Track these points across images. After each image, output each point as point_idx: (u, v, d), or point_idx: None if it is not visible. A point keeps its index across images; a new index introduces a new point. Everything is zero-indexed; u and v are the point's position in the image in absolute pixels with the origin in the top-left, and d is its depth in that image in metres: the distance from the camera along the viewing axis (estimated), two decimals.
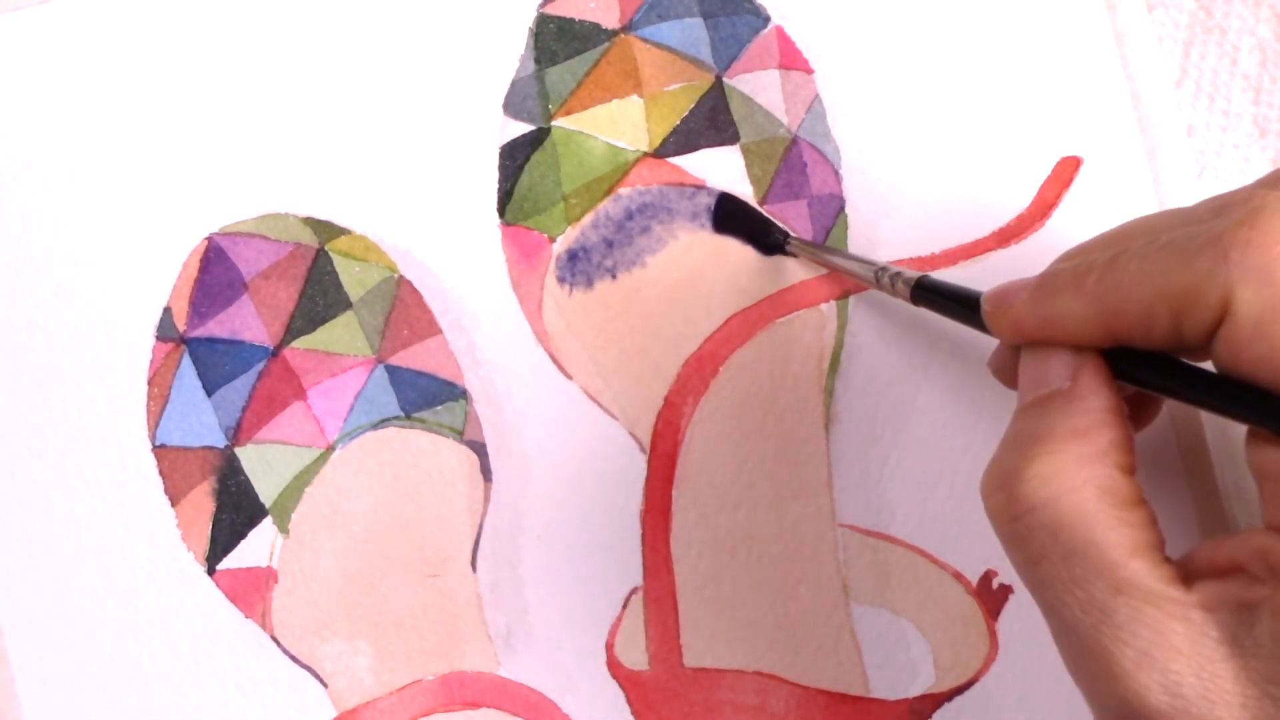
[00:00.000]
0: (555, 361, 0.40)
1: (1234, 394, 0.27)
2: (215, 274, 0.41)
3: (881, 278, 0.37)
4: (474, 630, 0.40)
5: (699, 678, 0.39)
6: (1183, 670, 0.26)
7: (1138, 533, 0.27)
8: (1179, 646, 0.26)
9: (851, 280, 0.40)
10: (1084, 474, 0.27)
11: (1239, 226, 0.26)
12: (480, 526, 0.40)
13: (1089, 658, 0.27)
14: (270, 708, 0.40)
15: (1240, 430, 0.28)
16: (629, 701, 0.39)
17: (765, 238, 0.40)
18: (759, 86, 0.41)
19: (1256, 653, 0.25)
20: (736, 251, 0.40)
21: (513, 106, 0.41)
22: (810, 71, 0.41)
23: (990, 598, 0.39)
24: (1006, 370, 0.33)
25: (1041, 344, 0.30)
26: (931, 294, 0.35)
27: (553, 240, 0.40)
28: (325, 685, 0.40)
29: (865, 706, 0.39)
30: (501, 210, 0.41)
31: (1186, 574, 0.27)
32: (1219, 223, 0.26)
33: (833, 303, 0.40)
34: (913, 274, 0.36)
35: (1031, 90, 0.40)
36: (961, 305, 0.34)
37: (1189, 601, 0.26)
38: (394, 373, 0.40)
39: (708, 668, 0.39)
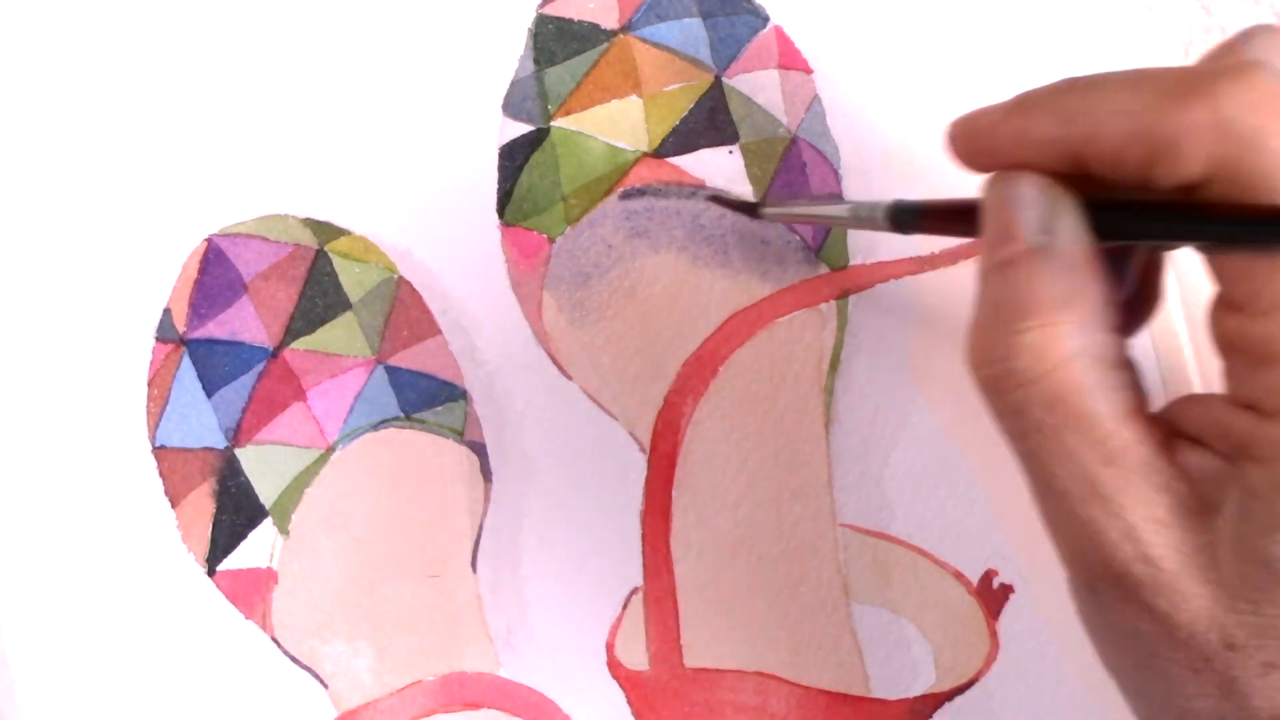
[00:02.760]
0: (555, 362, 0.40)
1: (1221, 220, 0.25)
2: (215, 275, 0.41)
3: (860, 213, 0.35)
4: (474, 631, 0.40)
5: (699, 678, 0.39)
6: (1165, 544, 0.26)
7: (1126, 396, 0.27)
8: (1163, 519, 0.26)
9: (852, 280, 0.40)
10: (1079, 343, 0.26)
11: (1226, 74, 0.25)
12: (480, 527, 0.40)
13: (1075, 526, 0.27)
14: (270, 709, 0.40)
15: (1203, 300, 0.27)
16: (629, 702, 0.39)
17: (748, 211, 0.39)
18: (758, 86, 0.41)
19: (1235, 529, 0.25)
20: (736, 251, 0.40)
21: (512, 107, 0.41)
22: (809, 71, 0.41)
23: (991, 597, 0.39)
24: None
25: (1005, 173, 0.28)
26: (910, 215, 0.33)
27: (552, 241, 0.40)
28: (325, 686, 0.40)
29: (866, 706, 0.39)
30: (501, 211, 0.41)
31: (1169, 436, 0.27)
32: (1212, 69, 0.25)
33: (833, 303, 0.40)
34: (886, 201, 0.33)
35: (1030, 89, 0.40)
36: (947, 215, 0.32)
37: (1172, 473, 0.26)
38: (394, 373, 0.40)
39: (708, 668, 0.39)
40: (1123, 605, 0.27)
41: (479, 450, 0.40)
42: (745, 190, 0.41)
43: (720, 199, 0.39)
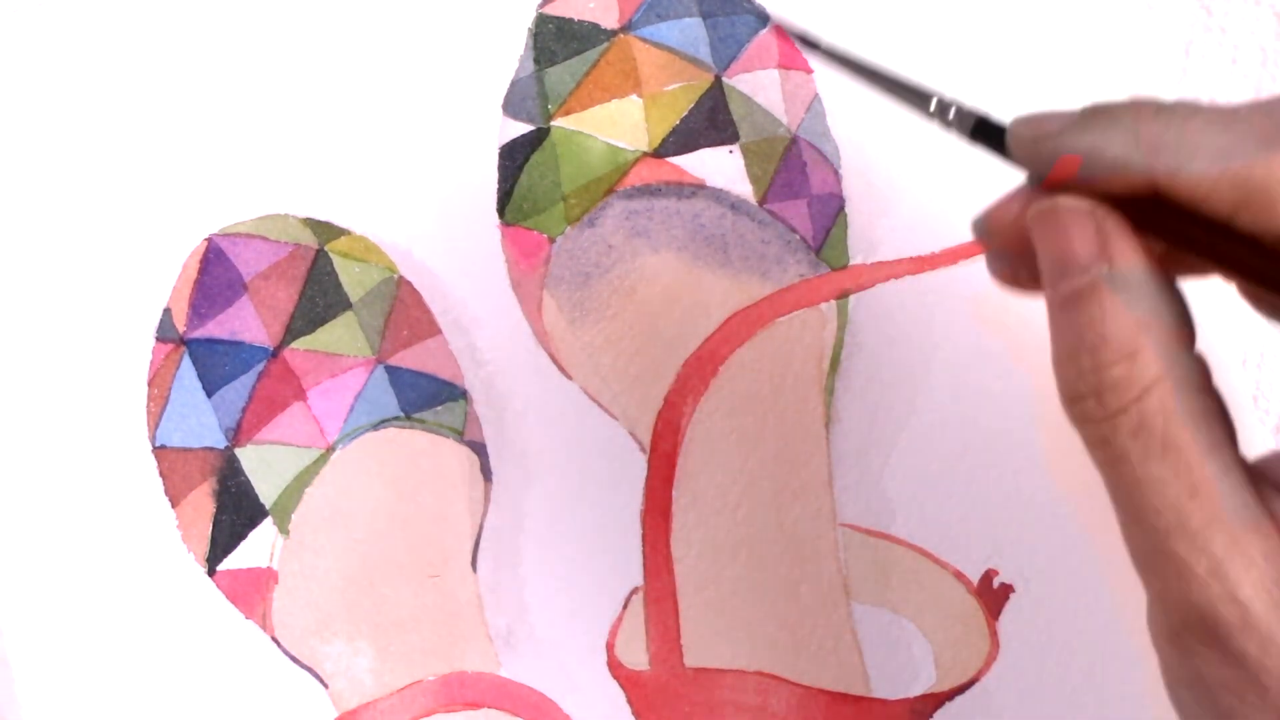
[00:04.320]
0: (555, 361, 0.40)
1: None
2: (215, 275, 0.41)
3: (935, 107, 0.31)
4: (474, 630, 0.40)
5: (699, 678, 0.39)
6: (1255, 583, 0.25)
7: (1213, 425, 0.26)
8: (1253, 558, 0.25)
9: (852, 280, 0.40)
10: (1161, 366, 0.26)
11: None
12: (480, 527, 0.40)
13: (1162, 560, 0.26)
14: (270, 709, 0.40)
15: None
16: (629, 701, 0.39)
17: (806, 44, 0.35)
18: (758, 86, 0.41)
19: None
20: (736, 251, 0.40)
21: (512, 107, 0.41)
22: (809, 71, 0.41)
23: (991, 597, 0.39)
24: (998, 233, 0.30)
25: (1051, 201, 0.27)
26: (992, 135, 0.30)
27: (552, 240, 0.40)
28: (326, 686, 0.40)
29: (866, 706, 0.39)
30: (501, 210, 0.41)
31: (1257, 481, 0.26)
32: None
33: (833, 303, 0.40)
34: (972, 109, 0.31)
35: (1031, 90, 0.40)
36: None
37: (1262, 513, 0.25)
38: (394, 373, 0.40)
39: (708, 668, 0.39)
40: (1207, 650, 0.26)
41: (479, 450, 0.40)
42: (745, 190, 0.41)
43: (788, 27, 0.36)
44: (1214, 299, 0.41)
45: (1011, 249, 0.29)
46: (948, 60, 0.41)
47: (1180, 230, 0.26)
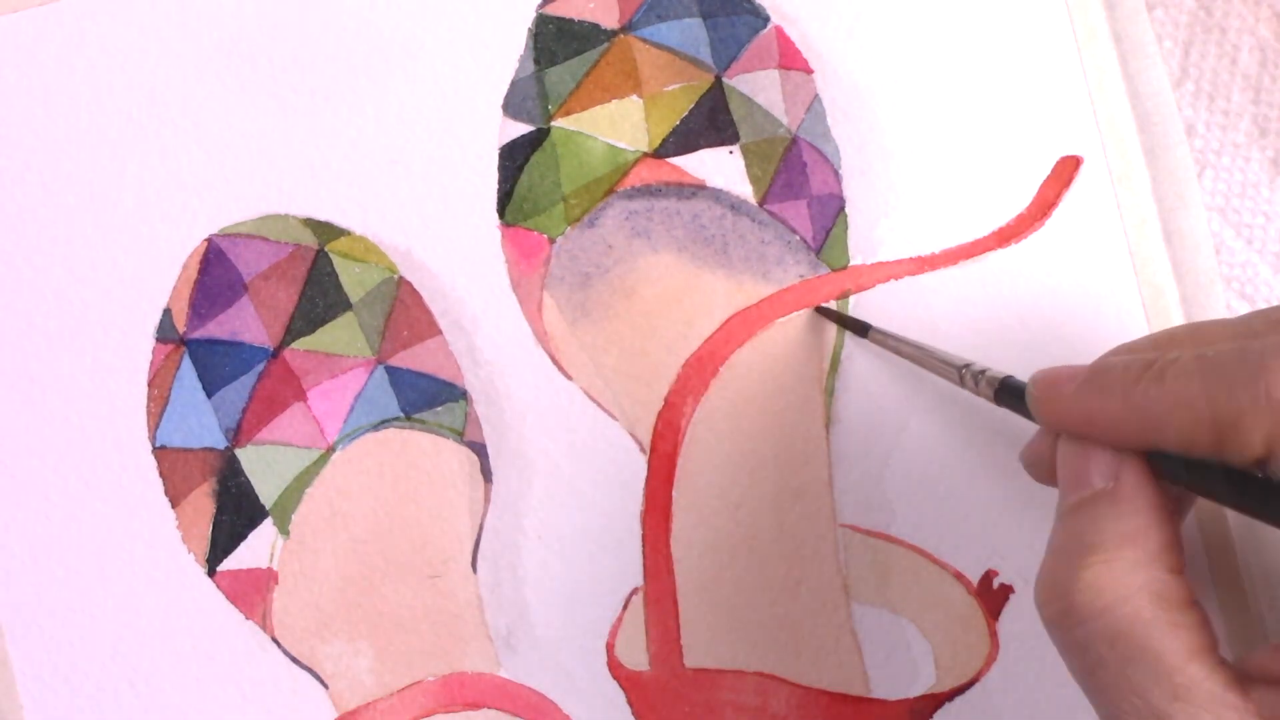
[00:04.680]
0: (555, 362, 0.40)
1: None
2: (215, 275, 0.41)
3: (965, 376, 0.35)
4: (474, 631, 0.40)
5: (699, 678, 0.39)
6: None
7: (1193, 635, 0.27)
8: None
9: (852, 280, 0.40)
10: (1138, 580, 0.27)
11: None
12: (480, 527, 0.40)
13: None
14: (270, 709, 0.40)
15: (1269, 531, 0.27)
16: (629, 702, 0.39)
17: (856, 329, 0.40)
18: (758, 86, 0.41)
19: None
20: (736, 251, 0.40)
21: (512, 107, 0.41)
22: (810, 71, 0.41)
23: (990, 598, 0.39)
24: (1041, 465, 0.32)
25: (1081, 439, 0.30)
26: (1016, 396, 0.33)
27: (553, 241, 0.40)
28: (326, 686, 0.40)
29: (866, 707, 0.39)
30: (501, 211, 0.41)
31: (1242, 678, 0.27)
32: (1265, 346, 0.26)
33: (833, 303, 0.40)
34: (997, 374, 0.34)
35: (1031, 90, 0.40)
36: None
37: (1246, 709, 0.26)
38: (394, 373, 0.40)
39: (708, 668, 0.39)
40: None
41: (479, 450, 0.40)
42: (745, 191, 0.41)
43: (828, 312, 0.40)
44: (1213, 299, 0.41)
45: (1049, 477, 0.31)
46: (948, 60, 0.41)
47: (1187, 471, 0.28)
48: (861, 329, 0.39)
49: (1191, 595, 0.28)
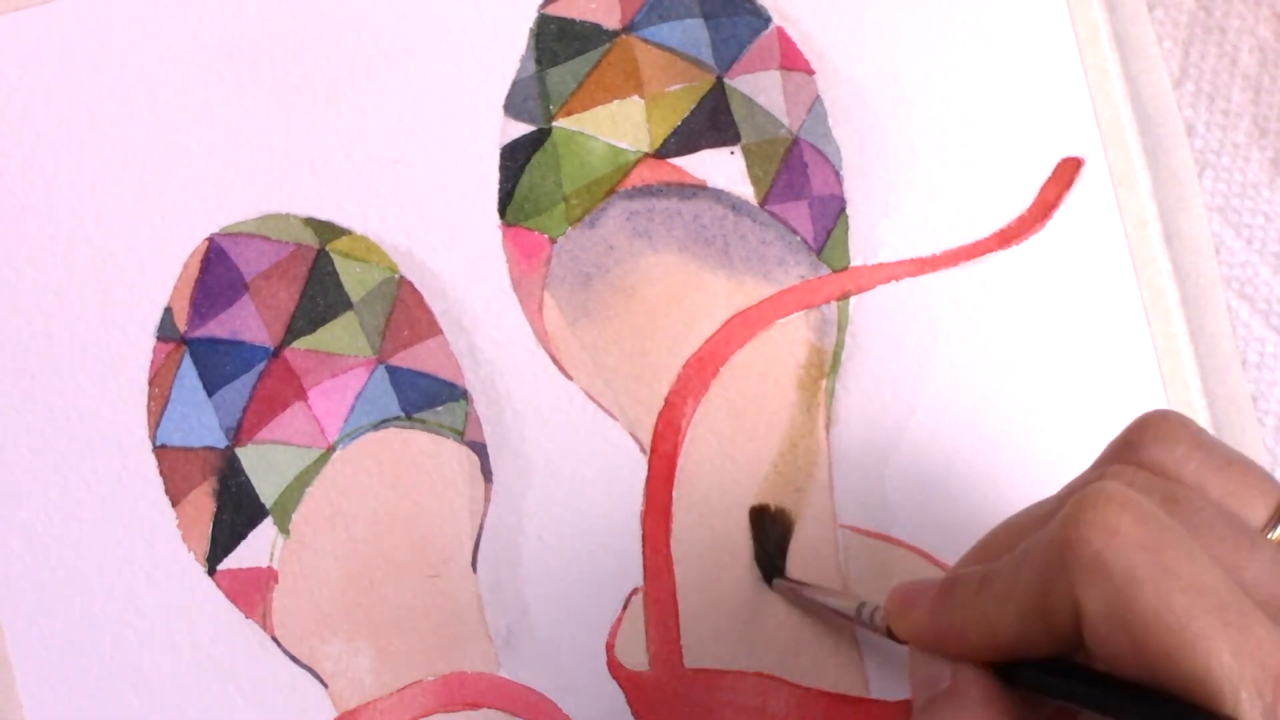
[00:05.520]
0: (555, 362, 0.40)
1: (1112, 692, 0.26)
2: (216, 274, 0.41)
3: (862, 613, 0.35)
4: (474, 631, 0.40)
5: (699, 679, 0.39)
6: None
7: None
8: None
9: (853, 281, 0.40)
10: None
11: (1067, 523, 0.25)
12: (481, 527, 0.40)
13: None
14: (270, 708, 0.39)
15: None
16: (629, 702, 0.39)
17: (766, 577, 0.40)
18: (760, 87, 0.41)
19: None
20: (737, 252, 0.41)
21: (514, 107, 0.41)
22: (811, 72, 0.41)
23: None
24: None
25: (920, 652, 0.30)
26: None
27: (553, 241, 0.41)
28: (326, 686, 0.40)
29: (865, 707, 0.39)
30: (502, 211, 0.41)
31: None
32: (1056, 520, 0.26)
33: (833, 304, 0.40)
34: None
35: (1032, 90, 0.40)
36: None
37: None
38: (394, 373, 0.40)
39: (708, 668, 0.39)
40: None
41: (479, 450, 0.40)
42: (746, 191, 0.41)
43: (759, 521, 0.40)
44: (1213, 300, 0.41)
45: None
46: (948, 61, 0.41)
47: (1037, 677, 0.28)
48: (767, 577, 0.39)
49: None
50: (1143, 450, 0.28)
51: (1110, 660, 0.25)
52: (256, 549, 0.40)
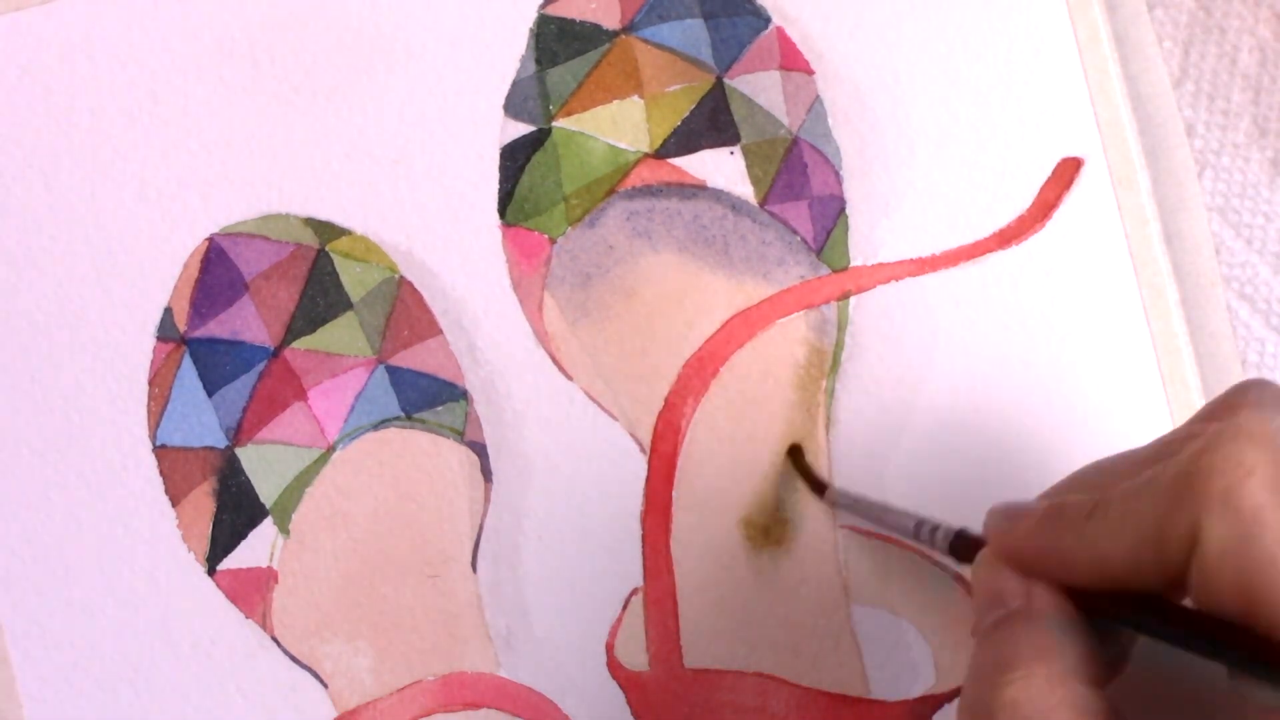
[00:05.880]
0: (555, 362, 0.40)
1: (1204, 630, 0.25)
2: (216, 274, 0.41)
3: (921, 531, 0.35)
4: (474, 631, 0.40)
5: (699, 679, 0.39)
6: None
7: None
8: None
9: (853, 281, 0.40)
10: (1056, 696, 0.27)
11: (1201, 454, 0.25)
12: (480, 527, 0.40)
13: None
14: (270, 708, 0.40)
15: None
16: (629, 702, 0.39)
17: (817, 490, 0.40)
18: (760, 87, 0.41)
19: None
20: (737, 252, 0.41)
21: (513, 107, 0.41)
22: (811, 72, 0.41)
23: None
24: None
25: (996, 560, 0.30)
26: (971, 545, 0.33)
27: (553, 241, 0.41)
28: (325, 686, 0.40)
29: (866, 708, 0.39)
30: (502, 211, 0.41)
31: None
32: (1184, 452, 0.26)
33: (833, 304, 0.40)
34: (951, 527, 0.34)
35: (1032, 91, 0.40)
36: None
37: None
38: (394, 373, 0.40)
39: (708, 669, 0.39)
40: None
41: (479, 450, 0.40)
42: (746, 192, 0.41)
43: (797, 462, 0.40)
44: (1213, 300, 0.41)
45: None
46: (948, 61, 0.41)
47: (1128, 609, 0.28)
48: (819, 488, 0.39)
49: (1108, 710, 0.28)
50: (1241, 413, 0.27)
51: (1210, 596, 0.25)
52: (256, 549, 0.40)
